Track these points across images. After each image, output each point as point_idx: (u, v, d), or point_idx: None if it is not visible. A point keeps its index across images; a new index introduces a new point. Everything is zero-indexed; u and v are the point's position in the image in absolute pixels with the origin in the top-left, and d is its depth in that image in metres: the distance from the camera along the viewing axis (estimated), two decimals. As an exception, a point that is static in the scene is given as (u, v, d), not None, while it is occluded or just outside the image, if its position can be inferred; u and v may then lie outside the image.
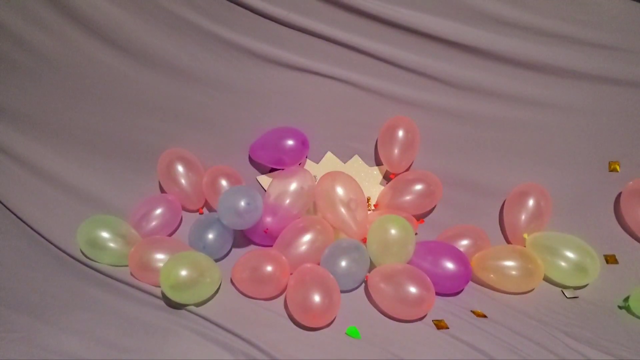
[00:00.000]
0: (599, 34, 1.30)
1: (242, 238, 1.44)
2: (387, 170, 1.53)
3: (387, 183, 1.52)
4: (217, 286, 1.24)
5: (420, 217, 1.48)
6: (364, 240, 1.33)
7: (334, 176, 1.36)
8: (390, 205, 1.45)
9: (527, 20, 1.31)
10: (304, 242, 1.31)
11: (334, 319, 1.17)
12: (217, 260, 1.33)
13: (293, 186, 1.36)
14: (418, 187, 1.44)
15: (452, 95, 1.43)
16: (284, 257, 1.26)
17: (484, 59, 1.37)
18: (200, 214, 1.52)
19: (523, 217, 1.41)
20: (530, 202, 1.41)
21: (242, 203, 1.27)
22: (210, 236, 1.34)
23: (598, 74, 1.34)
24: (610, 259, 1.38)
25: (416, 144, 1.47)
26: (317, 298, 1.12)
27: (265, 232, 1.36)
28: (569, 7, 1.28)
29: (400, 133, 1.44)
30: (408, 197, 1.44)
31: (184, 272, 1.16)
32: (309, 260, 1.31)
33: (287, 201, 1.35)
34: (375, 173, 1.55)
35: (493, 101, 1.42)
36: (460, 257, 1.27)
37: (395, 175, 1.51)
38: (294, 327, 1.15)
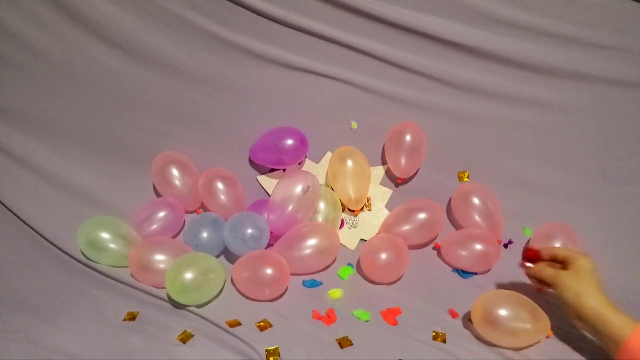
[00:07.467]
0: (599, 34, 1.30)
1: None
2: (388, 168, 1.53)
3: (395, 187, 1.53)
4: (223, 284, 1.25)
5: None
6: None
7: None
8: (389, 232, 1.40)
9: (527, 20, 1.31)
10: (306, 247, 1.31)
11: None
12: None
13: (297, 189, 1.36)
14: (420, 216, 1.39)
15: (452, 95, 1.43)
16: (284, 260, 1.25)
17: (484, 60, 1.36)
18: (198, 214, 1.52)
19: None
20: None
21: (249, 231, 1.30)
22: (205, 235, 1.35)
23: (598, 74, 1.33)
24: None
25: (423, 149, 1.47)
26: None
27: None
28: (569, 7, 1.28)
29: (408, 138, 1.44)
30: (407, 227, 1.39)
31: (188, 275, 1.16)
32: (309, 264, 1.32)
33: (291, 205, 1.35)
34: (376, 173, 1.55)
35: (493, 101, 1.42)
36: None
37: (403, 179, 1.51)
38: (294, 327, 1.15)
